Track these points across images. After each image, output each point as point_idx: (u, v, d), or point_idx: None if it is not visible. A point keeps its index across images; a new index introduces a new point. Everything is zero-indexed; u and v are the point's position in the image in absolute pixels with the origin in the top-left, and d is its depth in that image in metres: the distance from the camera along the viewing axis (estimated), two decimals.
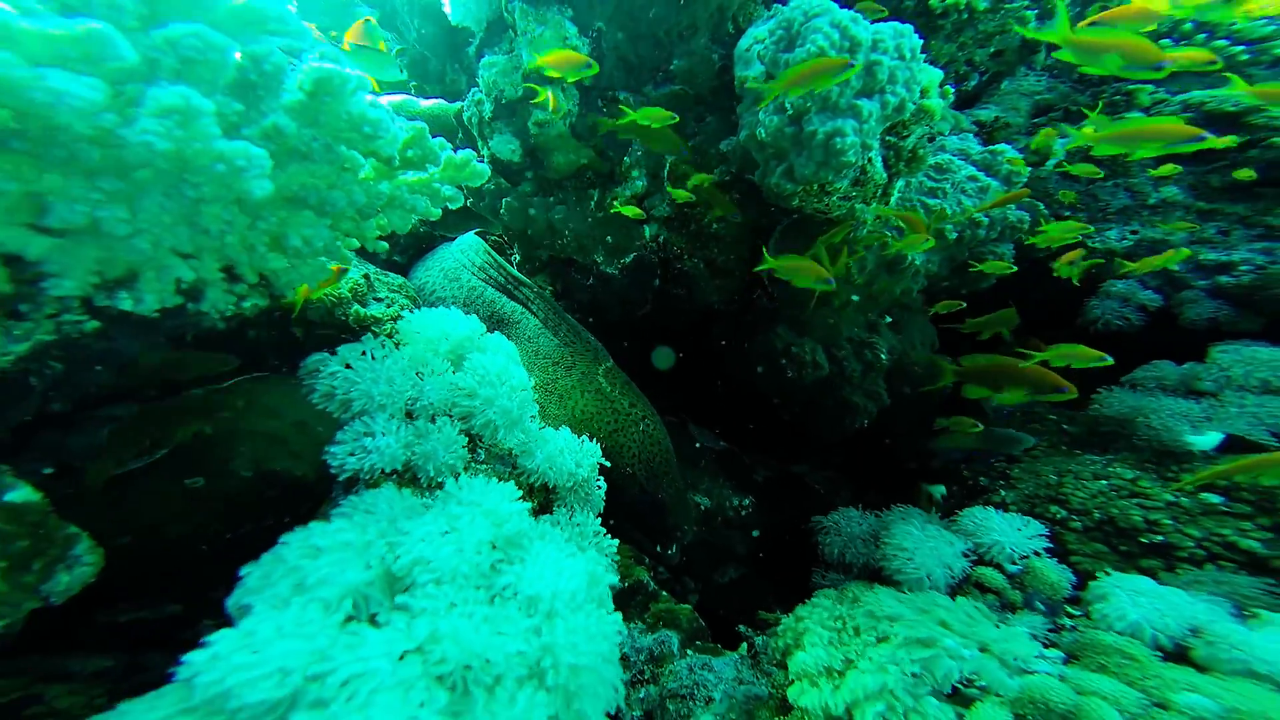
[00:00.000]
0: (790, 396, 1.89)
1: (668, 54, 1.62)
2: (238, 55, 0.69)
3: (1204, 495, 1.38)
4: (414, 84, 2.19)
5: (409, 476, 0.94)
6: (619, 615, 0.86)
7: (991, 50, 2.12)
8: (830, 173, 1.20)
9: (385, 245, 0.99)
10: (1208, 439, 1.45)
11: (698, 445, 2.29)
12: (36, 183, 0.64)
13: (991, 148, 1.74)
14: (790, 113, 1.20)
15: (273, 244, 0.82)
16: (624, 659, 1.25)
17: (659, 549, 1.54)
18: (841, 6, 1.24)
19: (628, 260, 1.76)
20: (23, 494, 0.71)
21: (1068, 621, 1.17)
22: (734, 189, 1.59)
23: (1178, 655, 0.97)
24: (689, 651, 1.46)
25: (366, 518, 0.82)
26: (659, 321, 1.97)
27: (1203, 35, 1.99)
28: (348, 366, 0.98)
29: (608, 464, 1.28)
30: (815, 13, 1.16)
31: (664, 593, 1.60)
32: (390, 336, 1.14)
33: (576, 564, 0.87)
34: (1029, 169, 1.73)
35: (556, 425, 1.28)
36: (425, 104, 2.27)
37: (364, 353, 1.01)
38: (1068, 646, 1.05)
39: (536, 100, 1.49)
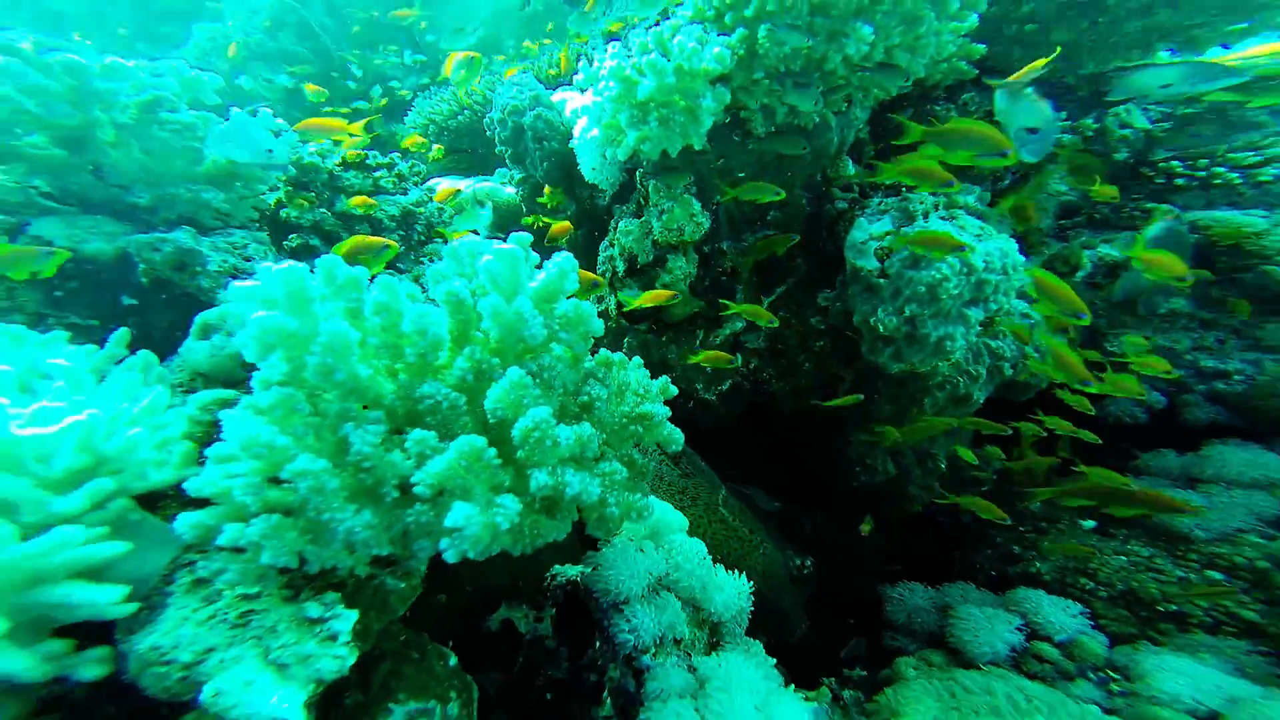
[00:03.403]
0: (856, 488, 2.25)
1: (766, 206, 1.90)
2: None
3: (1208, 573, 1.78)
4: (523, 195, 2.45)
5: (666, 639, 1.26)
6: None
7: None
8: (936, 361, 1.52)
9: None
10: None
11: (763, 509, 2.65)
12: None
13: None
14: (909, 314, 1.50)
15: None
16: None
17: (777, 639, 1.90)
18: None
19: (724, 388, 2.07)
20: None
21: (1115, 689, 1.56)
22: (825, 336, 1.90)
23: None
24: None
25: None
26: (741, 425, 2.29)
27: None
28: None
29: (749, 584, 1.61)
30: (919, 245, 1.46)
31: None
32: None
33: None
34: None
35: None
36: (508, 190, 2.63)
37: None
38: (1127, 717, 1.44)
39: (663, 281, 1.77)
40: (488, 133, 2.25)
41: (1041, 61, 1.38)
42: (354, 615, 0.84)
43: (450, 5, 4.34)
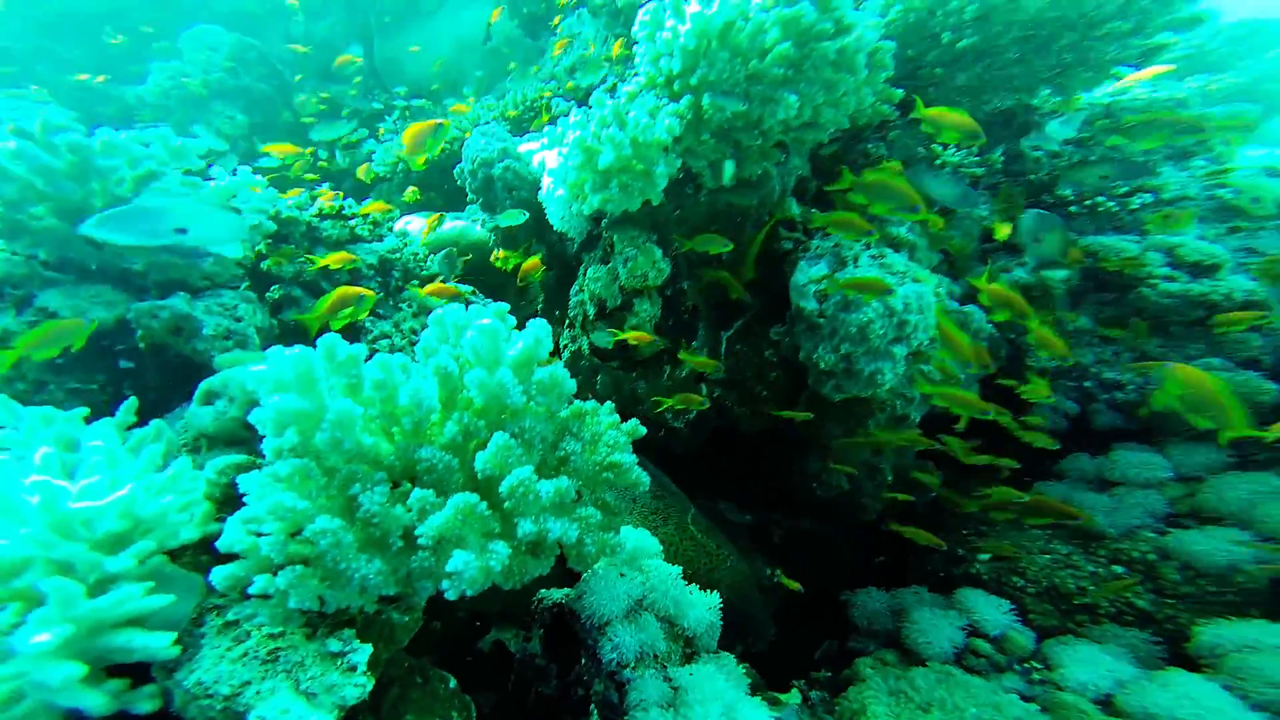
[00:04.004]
0: (814, 499, 2.46)
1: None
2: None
3: (1114, 567, 2.04)
4: (495, 240, 2.59)
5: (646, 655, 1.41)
6: None
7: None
8: (869, 391, 1.73)
9: None
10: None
11: (733, 521, 2.83)
12: None
13: (963, 309, 2.33)
14: (844, 352, 1.71)
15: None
16: None
17: (746, 646, 2.07)
18: None
19: (691, 417, 2.24)
20: None
21: (1036, 677, 1.79)
22: (778, 367, 2.10)
23: (1105, 702, 1.59)
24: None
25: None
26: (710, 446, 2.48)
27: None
28: None
29: (719, 599, 1.78)
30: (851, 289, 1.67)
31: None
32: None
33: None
34: (990, 326, 2.32)
35: None
36: (478, 230, 2.78)
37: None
38: (1042, 702, 1.65)
39: (631, 323, 1.94)
40: (458, 181, 2.38)
41: None
42: (369, 648, 0.97)
43: (410, 39, 4.45)
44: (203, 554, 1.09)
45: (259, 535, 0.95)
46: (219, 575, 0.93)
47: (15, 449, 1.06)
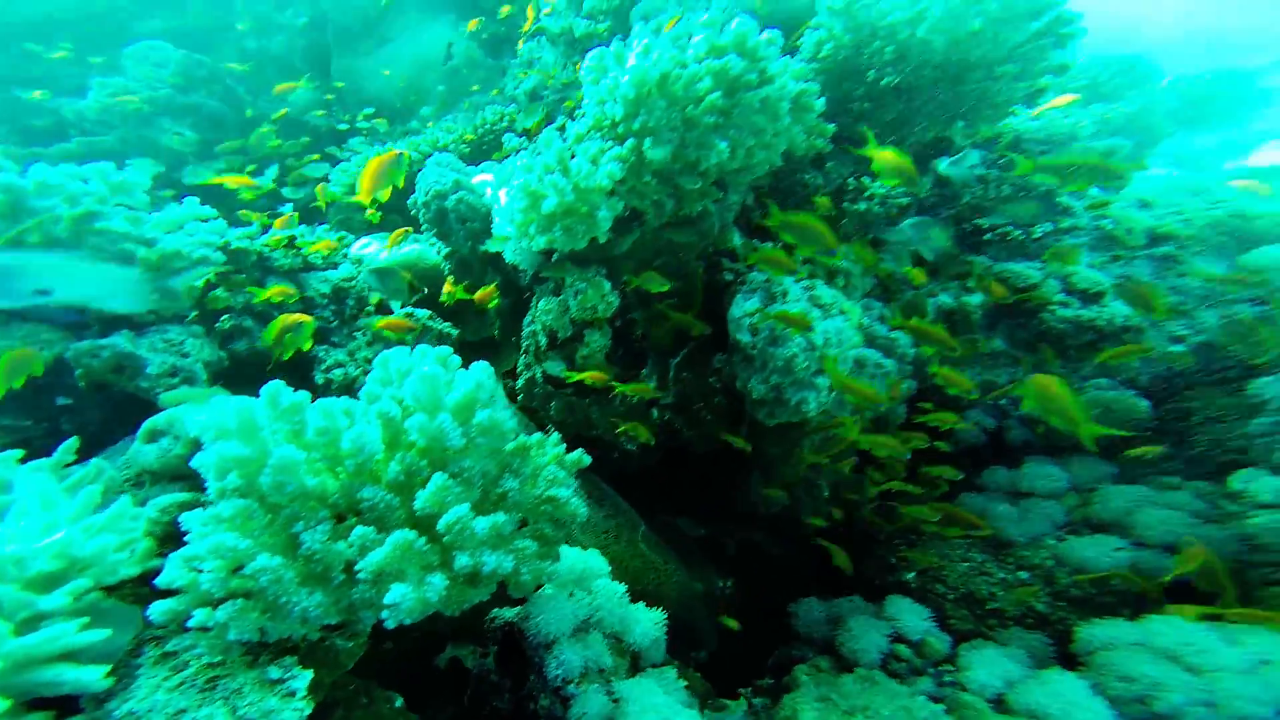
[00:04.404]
0: (759, 515, 2.61)
1: (668, 279, 2.22)
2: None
3: (1019, 573, 2.24)
4: (450, 268, 2.63)
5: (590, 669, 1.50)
6: None
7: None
8: (798, 418, 1.88)
9: None
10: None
11: (689, 535, 2.95)
12: None
13: (890, 334, 2.52)
14: (774, 383, 1.85)
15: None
16: None
17: (692, 654, 2.18)
18: None
19: (641, 439, 2.35)
20: None
21: (948, 679, 1.95)
22: (721, 393, 2.23)
23: (998, 701, 1.76)
24: (705, 710, 2.12)
25: None
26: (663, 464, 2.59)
27: None
28: None
29: (664, 615, 1.88)
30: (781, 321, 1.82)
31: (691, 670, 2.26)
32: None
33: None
34: (913, 350, 2.52)
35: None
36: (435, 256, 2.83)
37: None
38: (948, 703, 1.82)
39: (582, 354, 2.04)
40: (411, 211, 2.44)
41: None
42: (309, 675, 1.02)
43: (370, 57, 4.46)
44: (143, 587, 1.13)
45: (199, 571, 1.00)
46: (157, 610, 0.98)
47: None
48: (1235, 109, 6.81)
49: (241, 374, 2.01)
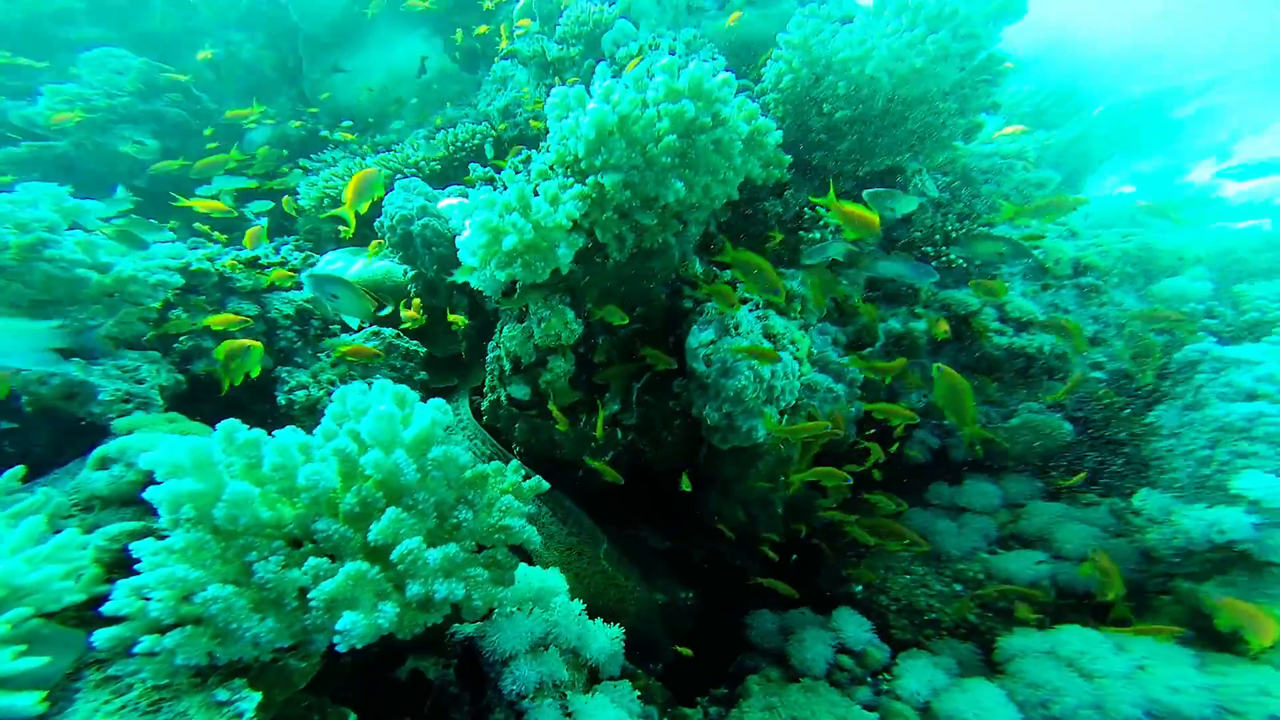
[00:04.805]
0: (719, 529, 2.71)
1: (632, 306, 2.31)
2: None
3: (954, 585, 2.39)
4: (416, 290, 2.66)
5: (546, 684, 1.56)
6: None
7: None
8: (749, 442, 1.98)
9: None
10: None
11: (654, 548, 3.02)
12: None
13: (843, 359, 2.65)
14: (725, 411, 1.95)
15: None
16: None
17: (650, 666, 2.26)
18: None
19: (607, 458, 2.42)
20: None
21: (885, 687, 2.07)
22: (681, 416, 2.32)
23: (925, 709, 1.89)
24: (665, 718, 2.20)
25: None
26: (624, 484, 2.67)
27: None
28: None
29: (621, 630, 1.95)
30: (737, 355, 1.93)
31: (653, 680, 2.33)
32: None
33: None
34: (862, 375, 2.66)
35: (573, 598, 1.94)
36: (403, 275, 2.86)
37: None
38: (882, 710, 1.94)
39: (545, 379, 2.10)
40: (378, 233, 2.47)
41: None
42: (258, 696, 1.06)
43: (342, 66, 4.44)
44: (87, 611, 1.14)
45: (147, 600, 1.03)
46: (102, 637, 1.00)
47: None
48: (1165, 133, 7.29)
49: (201, 394, 2.01)
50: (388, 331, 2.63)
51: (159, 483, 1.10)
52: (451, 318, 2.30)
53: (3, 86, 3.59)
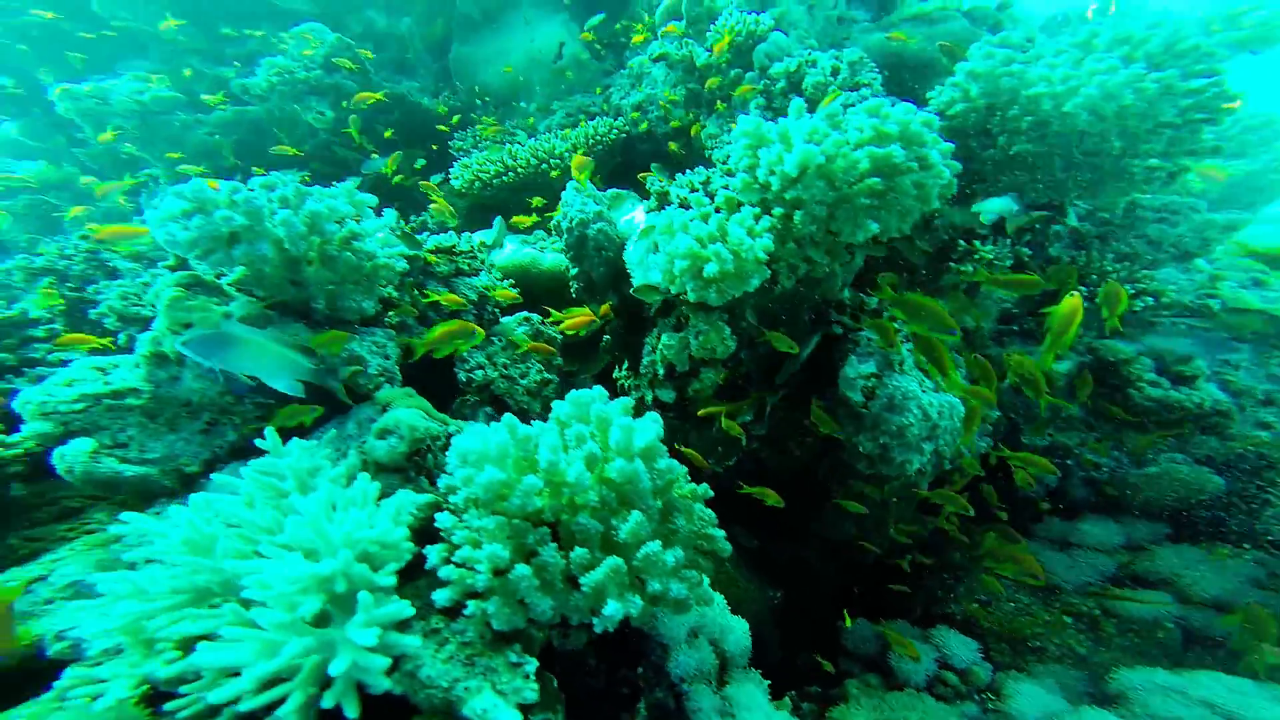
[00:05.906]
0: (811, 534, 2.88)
1: (777, 324, 2.45)
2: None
3: (1064, 618, 2.49)
4: (577, 288, 2.89)
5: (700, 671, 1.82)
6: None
7: None
8: (897, 473, 2.12)
9: None
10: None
11: (743, 546, 3.24)
12: None
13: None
14: (883, 443, 2.08)
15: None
16: None
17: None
18: None
19: (730, 463, 2.62)
20: None
21: (990, 706, 2.24)
22: (813, 434, 2.48)
23: None
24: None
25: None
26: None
27: None
28: None
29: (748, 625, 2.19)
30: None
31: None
32: None
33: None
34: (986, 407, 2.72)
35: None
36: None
37: None
38: None
39: (695, 388, 2.29)
40: (552, 234, 2.68)
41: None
42: (535, 661, 1.34)
43: (485, 47, 4.63)
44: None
45: (470, 570, 1.31)
46: (441, 597, 1.30)
47: (290, 478, 1.41)
48: None
49: (402, 369, 2.29)
50: (535, 318, 2.88)
51: (478, 471, 1.36)
52: (603, 309, 2.52)
53: (224, 56, 4.01)
